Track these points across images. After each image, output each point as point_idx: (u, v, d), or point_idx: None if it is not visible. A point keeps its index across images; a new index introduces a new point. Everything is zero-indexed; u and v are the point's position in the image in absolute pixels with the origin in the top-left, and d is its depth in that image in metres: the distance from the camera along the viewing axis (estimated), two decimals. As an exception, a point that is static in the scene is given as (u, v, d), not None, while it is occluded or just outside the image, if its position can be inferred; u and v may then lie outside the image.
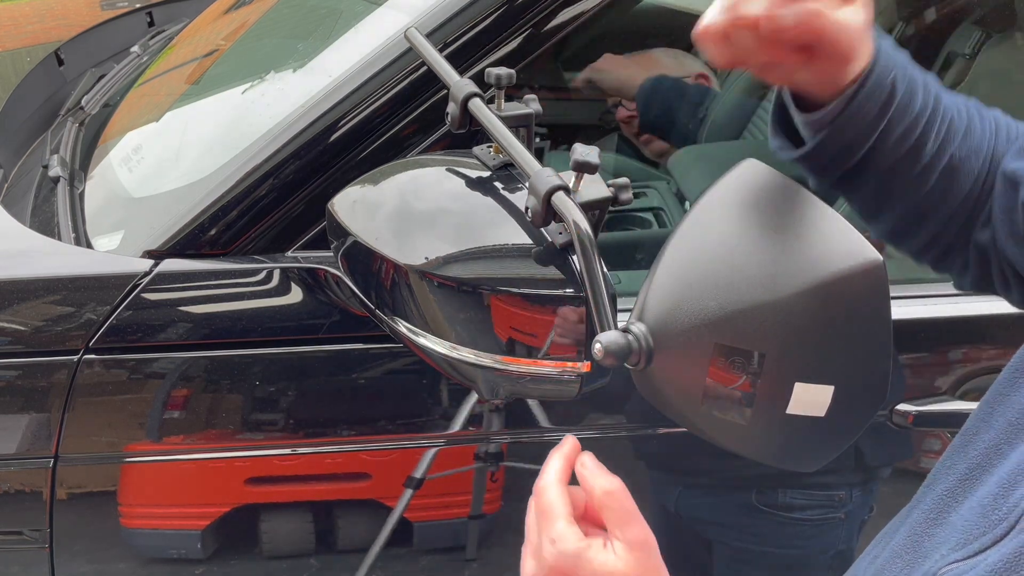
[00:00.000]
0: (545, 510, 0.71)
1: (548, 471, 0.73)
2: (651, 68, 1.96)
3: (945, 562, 0.63)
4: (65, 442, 1.11)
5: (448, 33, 1.14)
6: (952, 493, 0.70)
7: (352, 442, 1.16)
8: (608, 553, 0.69)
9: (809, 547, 1.29)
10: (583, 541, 0.69)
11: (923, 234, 0.84)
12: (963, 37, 1.54)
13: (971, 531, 0.63)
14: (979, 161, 0.81)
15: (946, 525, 0.67)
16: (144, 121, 1.56)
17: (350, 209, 0.96)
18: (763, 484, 1.24)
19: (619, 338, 0.73)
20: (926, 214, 0.83)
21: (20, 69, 2.10)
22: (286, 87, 1.36)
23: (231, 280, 1.14)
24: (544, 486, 0.72)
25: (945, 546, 0.65)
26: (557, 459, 0.74)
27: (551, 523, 0.70)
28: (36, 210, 1.38)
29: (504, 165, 0.94)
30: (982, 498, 0.65)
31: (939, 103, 0.81)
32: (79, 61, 2.11)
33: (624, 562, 0.69)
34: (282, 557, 1.21)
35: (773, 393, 0.71)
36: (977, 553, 0.61)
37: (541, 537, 0.71)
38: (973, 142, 0.81)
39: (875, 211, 0.86)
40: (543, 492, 0.72)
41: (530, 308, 0.85)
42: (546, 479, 0.73)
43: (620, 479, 0.72)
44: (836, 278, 0.70)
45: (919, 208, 0.83)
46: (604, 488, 0.71)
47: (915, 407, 1.18)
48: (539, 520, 0.71)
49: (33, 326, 1.12)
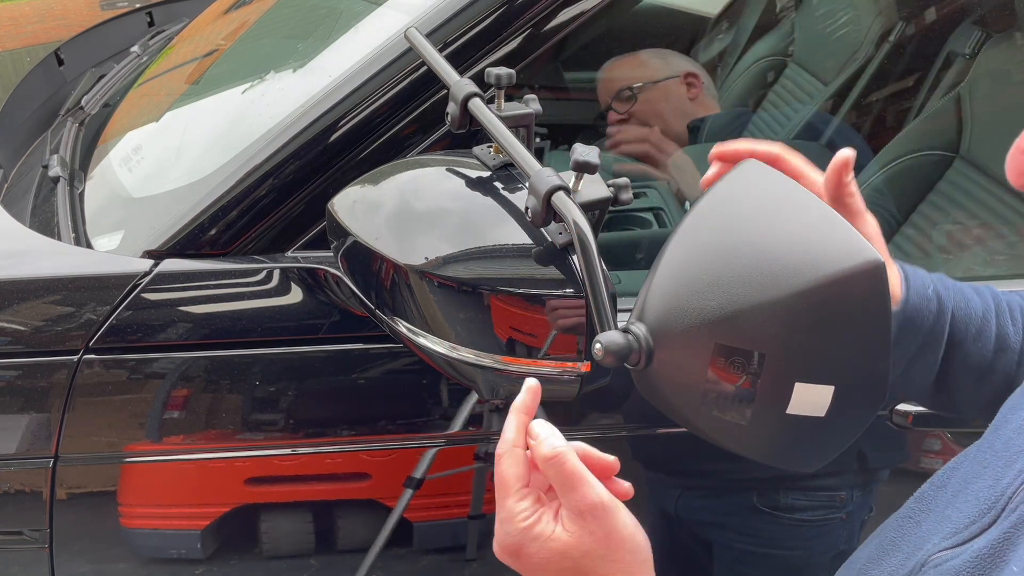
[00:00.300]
0: (496, 485, 0.70)
1: (504, 435, 0.71)
2: (638, 69, 1.94)
3: (936, 549, 0.65)
4: (65, 442, 1.11)
5: (448, 33, 1.13)
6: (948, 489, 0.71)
7: (352, 442, 1.16)
8: (555, 525, 0.67)
9: (811, 548, 1.29)
10: (529, 519, 0.67)
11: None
12: (963, 37, 1.54)
13: (961, 521, 0.65)
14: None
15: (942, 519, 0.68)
16: (144, 121, 1.56)
17: (350, 209, 0.96)
18: (765, 485, 1.24)
19: (619, 338, 0.73)
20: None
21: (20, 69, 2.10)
22: (286, 87, 1.36)
23: (231, 280, 1.14)
24: (497, 455, 0.70)
25: (937, 535, 0.66)
26: (511, 420, 0.72)
27: (501, 501, 0.69)
28: (36, 210, 1.38)
29: (504, 165, 0.94)
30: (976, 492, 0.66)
31: (999, 299, 0.88)
32: (79, 61, 2.11)
33: (570, 534, 0.67)
34: (282, 557, 1.21)
35: (773, 393, 0.71)
36: (965, 541, 0.63)
37: (496, 517, 0.70)
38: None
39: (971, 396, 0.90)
40: (496, 462, 0.70)
41: (530, 308, 0.85)
42: (499, 447, 0.70)
43: (565, 441, 0.69)
44: (836, 278, 0.70)
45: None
46: (544, 455, 0.69)
47: (915, 407, 1.18)
48: (497, 493, 0.70)
49: (33, 326, 1.12)
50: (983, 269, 1.41)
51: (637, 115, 1.88)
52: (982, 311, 0.88)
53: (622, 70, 1.95)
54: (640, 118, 1.87)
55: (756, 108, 1.96)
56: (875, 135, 1.65)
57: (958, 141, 1.45)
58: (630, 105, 1.89)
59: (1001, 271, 1.42)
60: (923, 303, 0.85)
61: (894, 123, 1.65)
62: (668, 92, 1.90)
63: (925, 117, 1.55)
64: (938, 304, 0.85)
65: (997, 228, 1.39)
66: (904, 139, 1.53)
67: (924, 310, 0.84)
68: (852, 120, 1.70)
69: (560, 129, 2.01)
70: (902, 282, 0.86)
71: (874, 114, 1.71)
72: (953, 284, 0.90)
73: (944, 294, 0.87)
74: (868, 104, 1.70)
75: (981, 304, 0.88)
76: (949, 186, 1.44)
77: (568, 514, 0.68)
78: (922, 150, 1.48)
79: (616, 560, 0.67)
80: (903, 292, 0.85)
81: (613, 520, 0.68)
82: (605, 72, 1.98)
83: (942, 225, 1.44)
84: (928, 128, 1.52)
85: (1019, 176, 0.64)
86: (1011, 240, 1.39)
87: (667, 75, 1.91)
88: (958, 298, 0.88)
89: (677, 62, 1.96)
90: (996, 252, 1.40)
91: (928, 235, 1.44)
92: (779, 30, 2.07)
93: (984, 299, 0.89)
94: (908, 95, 1.64)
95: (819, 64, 1.87)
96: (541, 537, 0.67)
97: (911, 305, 0.84)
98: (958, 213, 1.42)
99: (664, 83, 1.91)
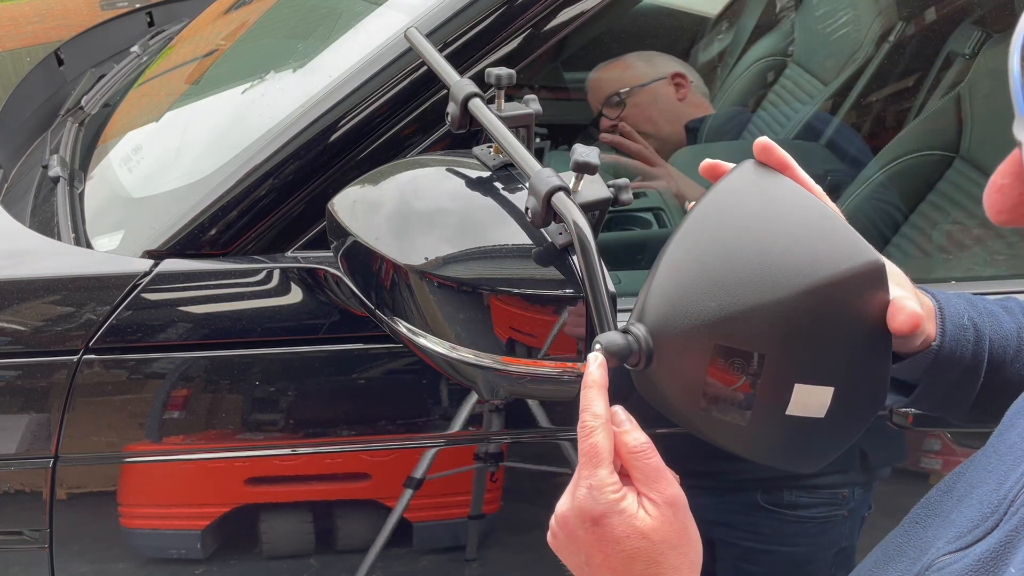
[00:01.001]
0: (588, 453, 0.71)
1: (593, 409, 0.72)
2: (624, 72, 1.93)
3: (940, 553, 0.65)
4: (65, 442, 1.11)
5: (448, 33, 1.13)
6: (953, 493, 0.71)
7: (352, 442, 1.16)
8: (640, 509, 0.70)
9: (815, 544, 1.29)
10: (619, 493, 0.70)
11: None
12: (963, 37, 1.54)
13: (965, 525, 0.65)
14: None
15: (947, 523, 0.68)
16: (144, 121, 1.56)
17: (350, 209, 0.96)
18: (769, 484, 1.24)
19: (619, 339, 0.73)
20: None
21: (20, 69, 2.10)
22: (286, 87, 1.36)
23: (231, 280, 1.14)
24: (591, 428, 0.71)
25: (942, 539, 0.67)
26: (595, 394, 0.72)
27: (593, 469, 0.70)
28: (36, 210, 1.38)
29: (504, 165, 0.94)
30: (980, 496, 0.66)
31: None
32: (79, 61, 2.11)
33: (655, 519, 0.70)
34: (282, 557, 1.21)
35: (773, 394, 0.71)
36: (969, 545, 0.63)
37: (579, 479, 0.71)
38: None
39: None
40: (590, 434, 0.71)
41: (530, 308, 0.85)
42: (592, 420, 0.71)
43: (646, 436, 0.72)
44: (836, 279, 0.70)
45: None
46: (630, 447, 0.71)
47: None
48: (582, 461, 0.71)
49: (33, 326, 1.12)
50: (983, 269, 1.41)
51: (628, 119, 1.87)
52: (1016, 331, 0.88)
53: (609, 75, 1.94)
54: (631, 122, 1.86)
55: (756, 108, 1.96)
56: (875, 135, 1.65)
57: (958, 141, 1.45)
58: (620, 111, 1.88)
59: (1001, 271, 1.42)
60: (960, 333, 0.85)
61: (894, 123, 1.65)
62: (656, 95, 1.89)
63: (925, 117, 1.55)
64: (975, 332, 0.85)
65: (997, 228, 1.39)
66: (904, 139, 1.53)
67: (962, 340, 0.85)
68: (852, 120, 1.70)
69: (560, 129, 2.01)
70: (936, 313, 0.85)
71: (874, 114, 1.71)
72: (983, 306, 0.89)
73: (979, 320, 0.86)
74: (868, 104, 1.70)
75: (1012, 323, 0.89)
76: (949, 186, 1.44)
77: (651, 502, 0.70)
78: (922, 150, 1.48)
79: (685, 554, 0.70)
80: (938, 324, 0.84)
81: (687, 517, 0.71)
82: (593, 78, 1.98)
83: (942, 225, 1.44)
84: (928, 128, 1.52)
85: (997, 213, 0.65)
86: (1011, 240, 1.39)
87: (654, 78, 1.90)
88: (992, 321, 0.87)
89: (663, 63, 1.94)
90: (996, 252, 1.40)
91: (928, 235, 1.44)
92: (779, 30, 2.07)
93: (1014, 316, 0.90)
94: (908, 95, 1.64)
95: (819, 64, 1.87)
96: (626, 512, 0.69)
97: (949, 337, 0.84)
98: (958, 213, 1.42)
99: (651, 86, 1.90)
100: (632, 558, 0.69)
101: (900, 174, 1.48)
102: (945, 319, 0.85)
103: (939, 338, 0.84)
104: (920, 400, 0.87)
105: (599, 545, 0.70)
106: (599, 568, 0.71)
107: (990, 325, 0.87)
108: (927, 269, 1.43)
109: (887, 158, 1.50)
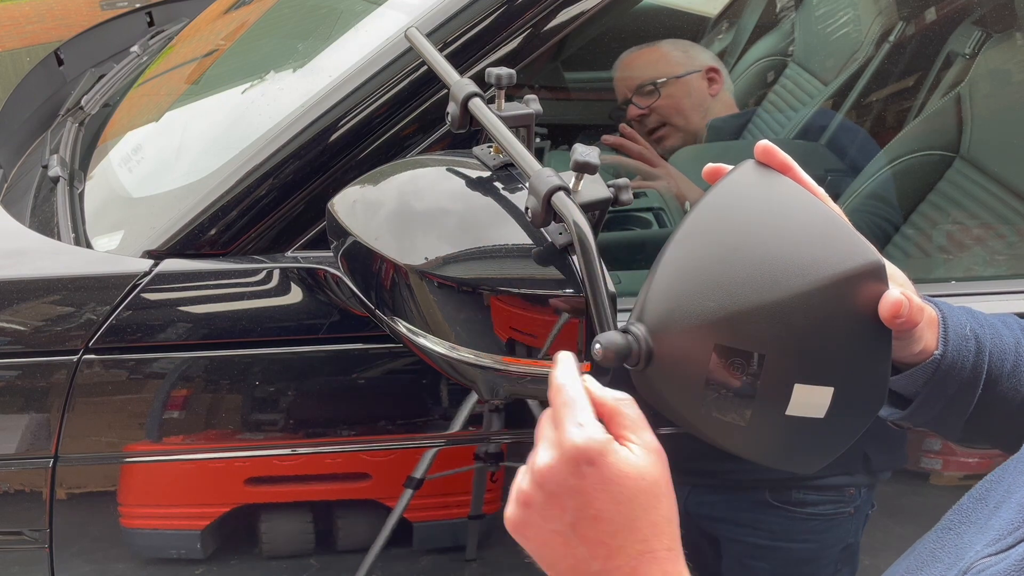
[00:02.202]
0: (568, 401, 0.69)
1: (563, 369, 0.72)
2: (659, 62, 1.90)
3: (978, 557, 0.65)
4: (65, 442, 1.11)
5: (448, 33, 1.13)
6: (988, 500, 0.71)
7: (352, 442, 1.16)
8: (630, 452, 0.68)
9: (822, 541, 1.29)
10: (609, 435, 0.68)
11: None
12: (963, 37, 1.54)
13: (1004, 528, 0.65)
14: None
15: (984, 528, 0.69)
16: (144, 121, 1.56)
17: (350, 209, 0.96)
18: (776, 483, 1.24)
19: (619, 338, 0.73)
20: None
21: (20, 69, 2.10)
22: (286, 87, 1.36)
23: (231, 280, 1.14)
24: (563, 383, 0.71)
25: (979, 543, 0.67)
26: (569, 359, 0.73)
27: (579, 410, 0.69)
28: (36, 210, 1.38)
29: (504, 165, 0.94)
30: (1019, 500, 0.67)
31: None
32: (79, 61, 2.11)
33: (645, 461, 0.68)
34: (282, 557, 1.21)
35: (773, 394, 0.71)
36: (1009, 547, 0.63)
37: (566, 424, 0.68)
38: None
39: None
40: (564, 388, 0.70)
41: (530, 308, 0.85)
42: (563, 377, 0.71)
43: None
44: (836, 279, 0.70)
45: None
46: (616, 396, 0.70)
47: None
48: (563, 411, 0.69)
49: (33, 326, 1.12)
50: (983, 269, 1.41)
51: (659, 109, 1.82)
52: (1015, 345, 0.88)
53: (642, 61, 1.88)
54: (661, 113, 1.82)
55: (757, 108, 1.96)
56: (875, 135, 1.64)
57: (958, 141, 1.45)
58: (652, 100, 1.82)
59: (1001, 271, 1.42)
60: (962, 343, 0.84)
61: (894, 123, 1.65)
62: (690, 87, 1.83)
63: (925, 117, 1.55)
64: (976, 343, 0.85)
65: (997, 228, 1.39)
66: (904, 139, 1.53)
67: (964, 350, 0.84)
68: (852, 120, 1.70)
69: (560, 129, 2.00)
70: (940, 323, 0.85)
71: (874, 114, 1.71)
72: (984, 318, 0.89)
73: (980, 331, 0.86)
74: (868, 104, 1.70)
75: (1011, 337, 0.88)
76: (949, 186, 1.44)
77: (641, 449, 0.68)
78: (922, 150, 1.48)
79: (673, 502, 0.70)
80: (940, 333, 0.84)
81: (667, 465, 0.70)
82: (623, 63, 1.91)
83: (942, 225, 1.44)
84: (928, 128, 1.52)
85: None
86: (1011, 240, 1.39)
87: (689, 69, 1.85)
88: (992, 333, 0.87)
89: (698, 55, 1.88)
90: (996, 252, 1.40)
91: (928, 235, 1.44)
92: (779, 30, 2.07)
93: (1012, 330, 0.89)
94: (908, 95, 1.64)
95: (819, 64, 1.87)
96: (621, 452, 0.67)
97: (952, 346, 0.84)
98: (958, 213, 1.42)
99: (687, 78, 1.84)
100: (633, 500, 0.67)
101: (900, 174, 1.48)
102: (948, 328, 0.84)
103: (941, 347, 0.83)
104: (917, 413, 0.86)
105: (601, 486, 0.66)
106: (593, 521, 0.67)
107: (991, 337, 0.86)
108: (927, 269, 1.43)
109: (887, 158, 1.50)
